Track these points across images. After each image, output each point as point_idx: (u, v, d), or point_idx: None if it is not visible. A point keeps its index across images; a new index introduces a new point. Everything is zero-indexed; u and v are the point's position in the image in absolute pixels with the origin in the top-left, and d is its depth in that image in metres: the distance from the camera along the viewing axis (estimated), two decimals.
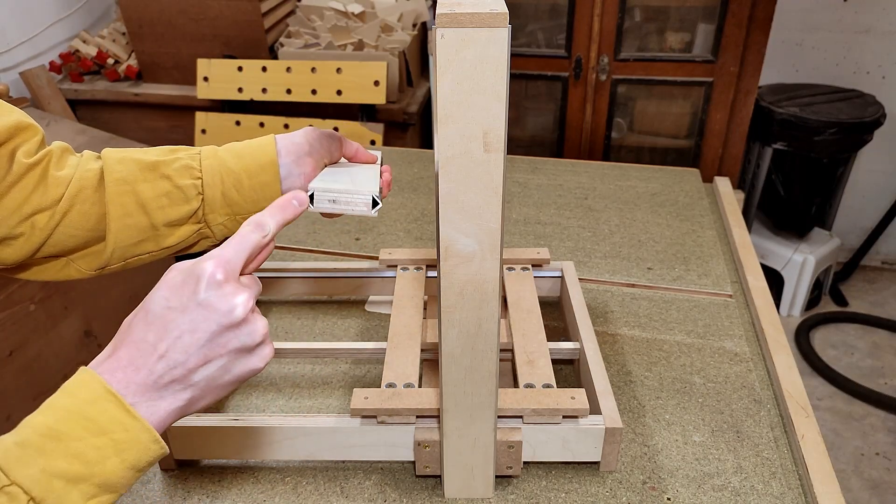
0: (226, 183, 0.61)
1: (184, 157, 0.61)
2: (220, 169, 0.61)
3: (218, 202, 0.61)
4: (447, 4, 0.47)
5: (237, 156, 0.62)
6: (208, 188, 0.60)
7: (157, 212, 0.60)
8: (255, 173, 0.61)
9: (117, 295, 1.70)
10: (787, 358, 0.87)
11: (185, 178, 0.60)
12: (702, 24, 1.87)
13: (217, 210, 0.62)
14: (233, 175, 0.61)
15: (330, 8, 2.10)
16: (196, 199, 0.60)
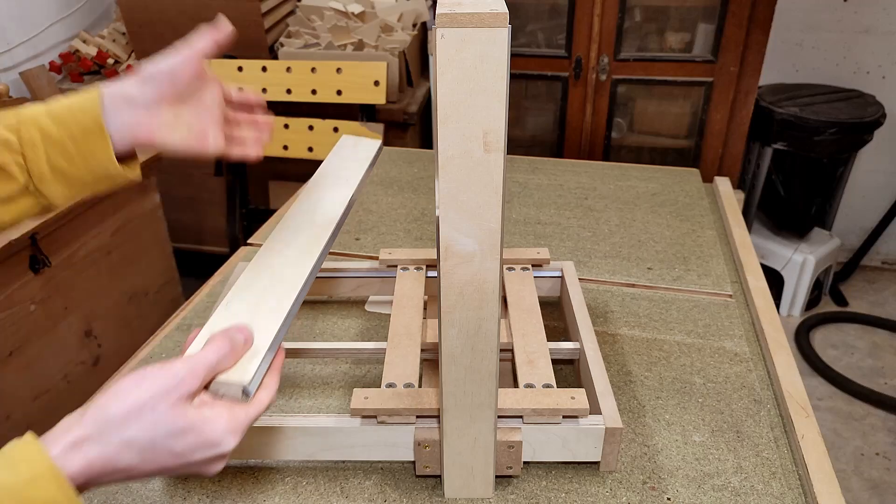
0: (50, 154, 0.55)
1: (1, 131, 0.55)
2: (42, 139, 0.55)
3: (47, 175, 0.56)
4: (447, 4, 0.47)
5: (58, 121, 0.55)
6: (32, 163, 0.55)
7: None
8: (81, 140, 0.56)
9: (117, 295, 1.70)
10: (787, 358, 0.87)
11: (4, 154, 0.55)
12: (702, 24, 1.87)
13: (49, 181, 0.57)
14: (56, 145, 0.55)
15: (330, 8, 2.10)
16: (21, 175, 0.56)
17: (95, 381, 1.54)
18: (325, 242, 0.67)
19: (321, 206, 0.73)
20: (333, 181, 0.77)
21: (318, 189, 0.76)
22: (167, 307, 1.89)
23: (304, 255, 0.65)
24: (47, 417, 1.48)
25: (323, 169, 0.80)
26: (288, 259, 0.64)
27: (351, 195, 0.75)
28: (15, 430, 1.45)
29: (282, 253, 0.65)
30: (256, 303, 0.58)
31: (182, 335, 0.95)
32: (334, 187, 0.76)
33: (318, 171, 0.80)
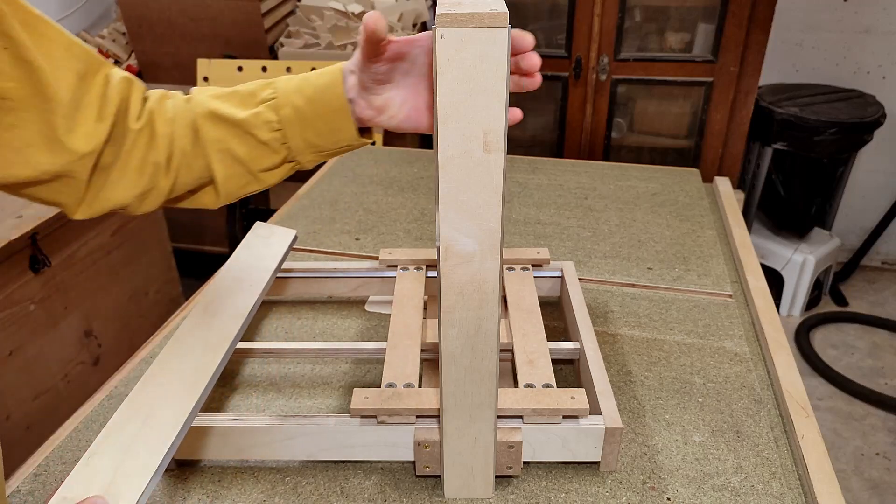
0: (305, 132, 0.65)
1: (263, 111, 0.64)
2: (298, 119, 0.64)
3: (301, 147, 0.65)
4: (447, 4, 0.47)
5: (310, 101, 0.64)
6: (291, 139, 0.65)
7: (251, 162, 0.65)
8: (330, 118, 0.64)
9: (117, 295, 1.70)
10: (787, 358, 0.87)
11: (268, 132, 0.64)
12: (702, 24, 1.87)
13: (303, 152, 0.66)
14: (309, 124, 0.64)
15: (330, 8, 2.10)
16: (282, 149, 0.65)
17: (95, 381, 1.54)
18: (212, 372, 0.62)
19: (217, 321, 0.68)
20: (236, 285, 0.73)
21: (217, 296, 0.71)
22: (167, 307, 1.89)
23: (187, 389, 0.59)
24: (47, 417, 1.48)
25: (228, 266, 0.75)
26: (168, 393, 0.59)
27: (252, 304, 0.70)
28: (15, 430, 1.46)
29: (163, 385, 0.60)
30: (122, 457, 0.52)
31: None
32: (236, 294, 0.71)
33: (223, 268, 0.75)
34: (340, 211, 1.27)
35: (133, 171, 0.63)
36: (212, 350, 0.65)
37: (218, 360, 0.63)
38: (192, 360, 0.63)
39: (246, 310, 0.69)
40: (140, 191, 0.64)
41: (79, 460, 0.53)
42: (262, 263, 0.75)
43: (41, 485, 0.72)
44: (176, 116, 0.65)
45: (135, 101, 0.64)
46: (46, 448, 0.77)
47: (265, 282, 0.72)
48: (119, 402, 0.83)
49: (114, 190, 0.63)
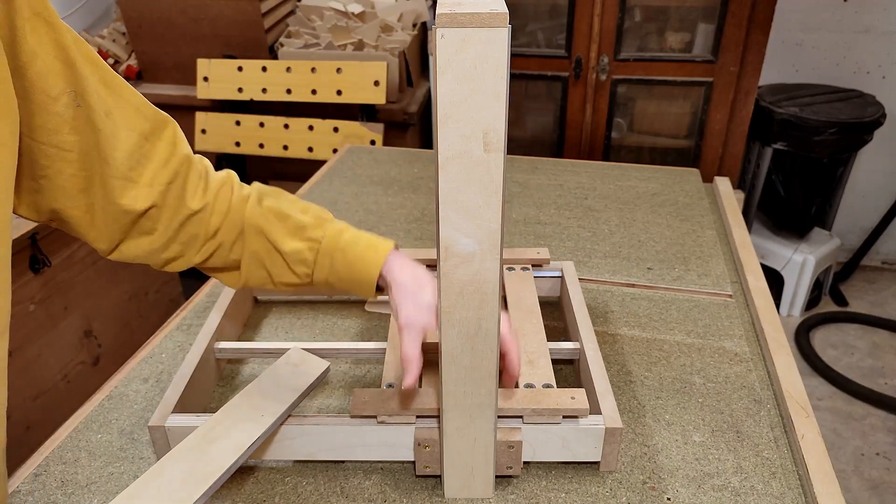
0: (331, 278, 0.70)
1: (304, 251, 0.69)
2: (329, 269, 0.69)
3: (321, 284, 0.71)
4: (447, 4, 0.47)
5: (348, 265, 0.69)
6: (316, 277, 0.70)
7: (276, 275, 0.70)
8: (356, 285, 0.70)
9: (117, 295, 1.70)
10: (787, 358, 0.87)
11: (299, 266, 0.69)
12: (702, 24, 1.87)
13: (320, 285, 0.71)
14: (337, 276, 0.69)
15: (330, 8, 2.10)
16: (305, 279, 0.70)
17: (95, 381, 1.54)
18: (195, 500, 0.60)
19: (213, 450, 0.65)
20: (249, 413, 0.70)
21: (224, 420, 0.68)
22: (167, 307, 1.89)
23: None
24: (47, 417, 1.48)
25: (248, 390, 0.73)
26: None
27: (257, 437, 0.67)
28: (15, 430, 1.46)
29: None
30: None
31: (182, 335, 0.95)
32: (245, 422, 0.68)
33: (244, 391, 0.72)
34: (340, 211, 1.26)
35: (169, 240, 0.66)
36: (194, 483, 0.61)
37: (195, 497, 0.60)
38: (168, 493, 0.60)
39: (247, 443, 0.66)
40: (169, 256, 0.67)
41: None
42: (283, 394, 0.73)
43: (41, 485, 0.72)
44: (230, 211, 0.68)
45: (192, 179, 0.66)
46: (46, 448, 0.77)
47: (279, 414, 0.70)
48: (119, 403, 0.83)
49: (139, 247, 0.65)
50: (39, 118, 0.53)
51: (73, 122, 0.55)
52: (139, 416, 0.81)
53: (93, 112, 0.56)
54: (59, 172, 0.56)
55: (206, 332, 0.84)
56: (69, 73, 0.54)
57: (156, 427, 0.70)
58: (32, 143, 0.54)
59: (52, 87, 0.53)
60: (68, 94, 0.54)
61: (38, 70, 0.52)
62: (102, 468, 0.74)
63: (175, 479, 0.62)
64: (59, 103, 0.54)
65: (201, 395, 0.81)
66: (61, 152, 0.55)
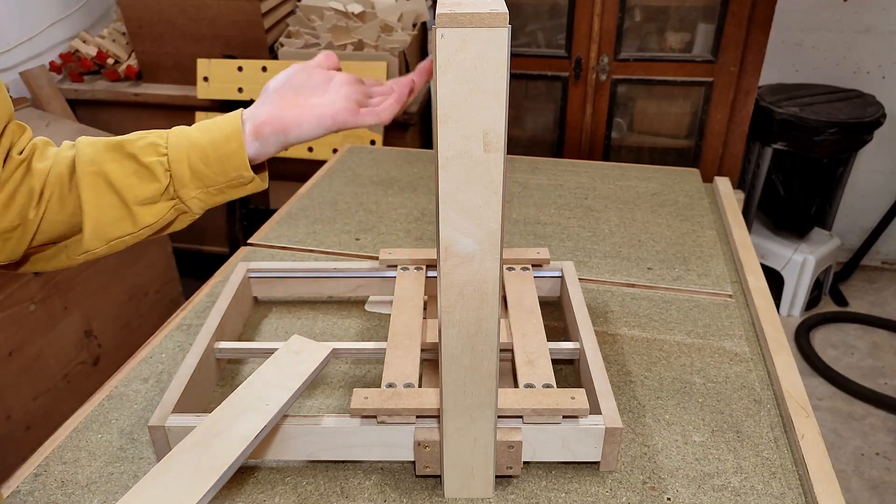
0: (192, 157, 0.60)
1: (150, 136, 0.61)
2: (186, 143, 0.61)
3: (187, 177, 0.61)
4: (447, 4, 0.47)
5: (203, 129, 0.62)
6: (175, 164, 0.60)
7: (126, 190, 0.60)
8: (221, 144, 0.61)
9: (117, 295, 1.70)
10: (787, 358, 0.87)
11: (151, 155, 0.60)
12: (702, 24, 1.87)
13: (187, 184, 0.61)
14: (198, 148, 0.61)
15: (330, 8, 2.10)
16: (164, 176, 0.60)
17: (95, 381, 1.54)
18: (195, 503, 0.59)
19: (217, 443, 0.64)
20: (252, 403, 0.68)
21: (227, 414, 0.67)
22: (167, 307, 1.89)
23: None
24: (47, 417, 1.48)
25: (250, 381, 0.72)
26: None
27: (263, 426, 0.66)
28: (15, 430, 1.46)
29: None
30: None
31: (182, 335, 0.95)
32: (248, 413, 0.67)
33: (245, 383, 0.72)
34: (340, 211, 1.27)
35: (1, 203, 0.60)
36: (201, 477, 0.61)
37: (204, 491, 0.59)
38: (177, 488, 0.59)
39: (254, 432, 0.65)
40: (4, 226, 0.60)
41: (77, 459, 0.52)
42: (286, 382, 0.72)
43: (41, 485, 0.72)
44: (58, 153, 0.63)
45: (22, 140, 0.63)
46: (46, 448, 0.77)
47: (283, 402, 0.69)
48: (119, 403, 0.83)
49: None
50: None
51: None
52: (139, 416, 0.81)
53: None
54: None
55: (206, 332, 0.84)
56: None
57: (156, 427, 0.70)
58: None
59: None
60: None
61: None
62: (102, 468, 0.74)
63: (183, 474, 0.61)
64: None
65: (201, 395, 0.81)
66: None
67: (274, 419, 0.67)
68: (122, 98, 2.10)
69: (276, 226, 1.22)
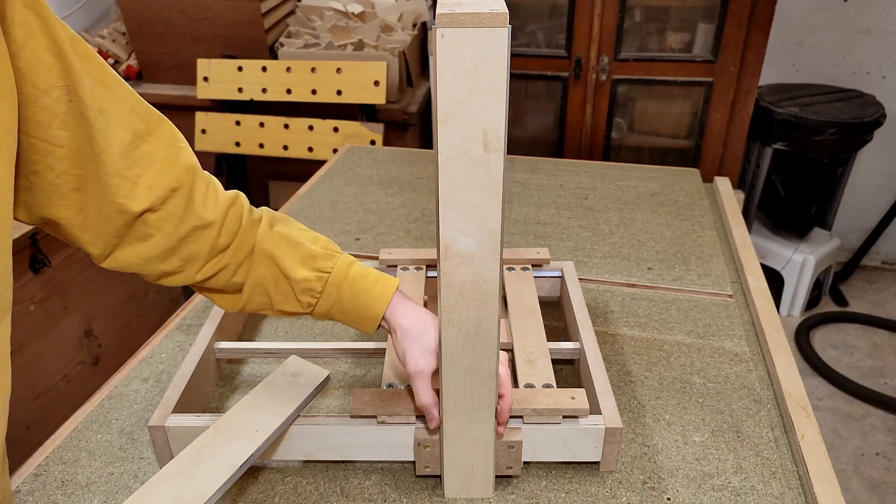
0: (334, 309, 0.69)
1: (312, 279, 0.68)
2: (335, 299, 0.68)
3: (324, 313, 0.70)
4: (447, 4, 0.47)
5: (354, 297, 0.68)
6: (318, 308, 0.69)
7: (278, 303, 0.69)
8: (360, 317, 0.69)
9: (117, 295, 1.70)
10: (787, 358, 0.87)
11: (305, 295, 0.68)
12: (702, 24, 1.87)
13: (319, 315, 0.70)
14: (341, 307, 0.69)
15: (330, 8, 2.10)
16: (307, 308, 0.69)
17: (95, 381, 1.53)
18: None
19: (202, 470, 0.62)
20: (241, 428, 0.67)
21: (216, 438, 0.66)
22: (167, 307, 1.89)
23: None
24: (47, 417, 1.48)
25: (242, 404, 0.70)
26: None
27: (250, 454, 0.64)
28: (15, 430, 1.45)
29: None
30: None
31: (182, 335, 0.95)
32: (236, 439, 0.66)
33: (238, 405, 0.70)
34: (340, 211, 1.26)
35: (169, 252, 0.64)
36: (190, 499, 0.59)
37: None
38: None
39: (239, 461, 0.63)
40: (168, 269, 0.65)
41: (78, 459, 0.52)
42: (278, 407, 0.71)
43: (41, 485, 0.72)
44: (240, 231, 0.67)
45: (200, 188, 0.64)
46: (46, 448, 0.77)
47: (273, 429, 0.67)
48: (119, 403, 0.83)
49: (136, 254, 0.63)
50: (29, 111, 0.53)
51: (65, 118, 0.55)
52: (139, 416, 0.81)
53: (86, 108, 0.56)
54: (50, 168, 0.56)
55: (206, 332, 0.84)
56: (61, 68, 0.54)
57: (156, 427, 0.70)
58: (22, 136, 0.54)
59: (41, 80, 0.53)
60: (60, 89, 0.54)
61: (27, 61, 0.52)
62: (102, 468, 0.74)
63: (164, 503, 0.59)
64: (50, 97, 0.53)
65: (201, 395, 0.81)
66: (51, 147, 0.55)
67: (263, 446, 0.66)
68: None
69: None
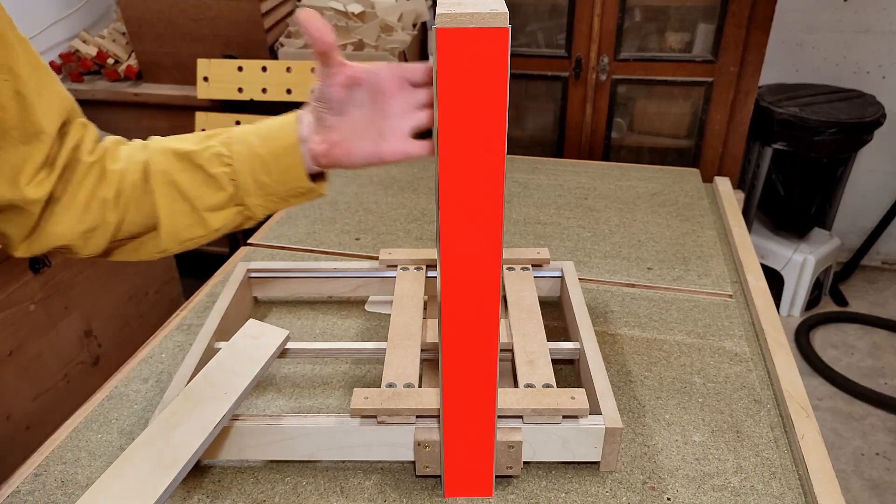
0: (255, 168, 0.63)
1: (216, 145, 0.63)
2: (249, 154, 0.63)
3: (251, 186, 0.64)
4: (447, 4, 0.47)
5: (263, 138, 0.63)
6: (240, 175, 0.63)
7: (196, 199, 0.64)
8: (280, 156, 0.63)
9: (117, 295, 1.70)
10: (787, 358, 0.87)
11: (217, 166, 0.63)
12: (702, 24, 1.87)
13: (252, 193, 0.64)
14: (259, 159, 0.63)
15: (330, 8, 2.10)
16: (230, 185, 0.64)
17: (95, 381, 1.54)
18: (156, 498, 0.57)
19: (178, 434, 0.63)
20: (210, 391, 0.68)
21: (186, 404, 0.66)
22: (167, 307, 1.89)
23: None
24: (47, 417, 1.48)
25: (207, 370, 0.71)
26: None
27: (222, 415, 0.65)
28: (15, 430, 1.46)
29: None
30: None
31: (182, 335, 0.95)
32: (207, 402, 0.67)
33: (202, 372, 0.71)
34: (340, 211, 1.27)
35: (80, 206, 0.63)
36: (162, 470, 0.60)
37: (165, 485, 0.58)
38: (137, 483, 0.58)
39: (213, 422, 0.64)
40: (86, 227, 0.63)
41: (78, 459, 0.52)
42: (243, 369, 0.72)
43: (41, 485, 0.72)
44: (130, 155, 0.65)
45: (88, 139, 0.64)
46: (46, 448, 0.77)
47: (242, 389, 0.68)
48: (119, 403, 0.83)
49: (58, 224, 0.62)
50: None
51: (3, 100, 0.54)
52: (139, 416, 0.81)
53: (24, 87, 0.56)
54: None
55: (206, 332, 0.84)
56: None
57: None
58: None
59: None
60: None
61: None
62: (102, 468, 0.74)
63: (142, 469, 0.60)
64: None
65: None
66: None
67: (233, 408, 0.67)
68: (122, 98, 2.10)
69: (276, 226, 1.22)
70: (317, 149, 0.63)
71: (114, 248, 0.68)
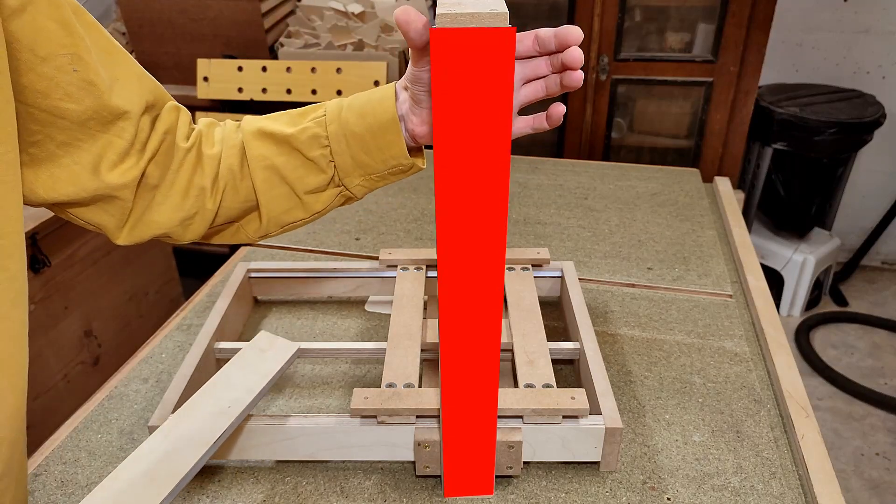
0: (353, 147, 0.62)
1: (311, 126, 0.62)
2: (346, 133, 0.62)
3: (349, 166, 0.63)
4: (447, 4, 0.47)
5: (360, 115, 0.62)
6: (337, 156, 0.62)
7: (296, 182, 0.63)
8: (379, 133, 0.62)
9: (117, 295, 1.70)
10: (787, 358, 0.87)
11: (315, 149, 0.62)
12: (702, 24, 1.87)
13: (351, 173, 0.64)
14: (357, 138, 0.62)
15: (330, 8, 2.10)
16: (329, 168, 0.63)
17: (95, 381, 1.54)
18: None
19: (174, 450, 0.62)
20: (213, 405, 0.67)
21: (187, 418, 0.65)
22: (167, 307, 1.89)
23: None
24: (47, 417, 1.48)
25: (213, 382, 0.70)
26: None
27: (222, 432, 0.64)
28: None
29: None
30: None
31: (182, 335, 0.95)
32: (208, 417, 0.66)
33: (208, 383, 0.70)
34: (340, 211, 1.27)
35: (178, 194, 0.63)
36: (157, 485, 0.59)
37: (160, 500, 0.57)
38: (132, 497, 0.58)
39: (212, 438, 0.63)
40: (185, 215, 0.63)
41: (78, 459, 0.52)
42: (250, 383, 0.71)
43: (41, 485, 0.72)
44: (224, 138, 0.65)
45: (182, 124, 0.64)
46: (46, 448, 0.77)
47: (246, 404, 0.67)
48: (119, 403, 0.83)
49: (158, 213, 0.63)
50: (26, 78, 0.51)
51: (68, 88, 0.53)
52: (139, 416, 0.81)
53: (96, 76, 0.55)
54: (51, 139, 0.54)
55: (206, 332, 0.84)
56: (64, 34, 0.52)
57: (156, 427, 0.70)
58: (20, 105, 0.51)
59: (40, 47, 0.51)
60: (63, 57, 0.52)
61: (22, 26, 0.49)
62: (102, 468, 0.74)
63: (136, 483, 0.59)
64: (49, 65, 0.51)
65: None
66: (53, 118, 0.53)
67: (235, 422, 0.66)
68: None
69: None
70: (416, 130, 0.62)
71: (213, 234, 0.68)
